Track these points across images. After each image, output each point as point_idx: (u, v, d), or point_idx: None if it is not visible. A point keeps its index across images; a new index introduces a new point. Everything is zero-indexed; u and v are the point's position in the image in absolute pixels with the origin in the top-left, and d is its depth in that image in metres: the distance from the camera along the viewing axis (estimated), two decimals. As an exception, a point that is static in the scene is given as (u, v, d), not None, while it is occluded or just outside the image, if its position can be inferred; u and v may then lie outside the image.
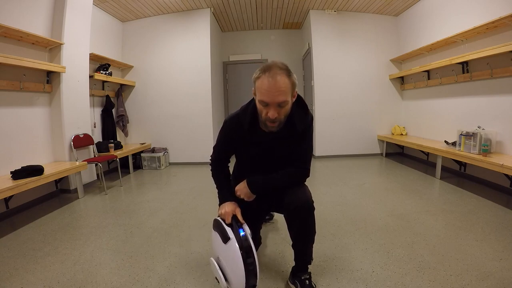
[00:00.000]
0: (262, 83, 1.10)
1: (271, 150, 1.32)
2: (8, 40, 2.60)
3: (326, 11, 4.75)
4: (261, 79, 1.11)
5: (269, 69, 1.11)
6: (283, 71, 1.11)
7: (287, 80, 1.11)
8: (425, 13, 4.02)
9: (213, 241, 1.35)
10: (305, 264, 1.36)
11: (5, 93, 2.59)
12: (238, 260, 1.14)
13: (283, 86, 1.09)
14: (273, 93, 1.09)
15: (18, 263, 1.71)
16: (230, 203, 1.31)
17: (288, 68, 1.15)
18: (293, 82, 1.15)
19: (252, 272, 1.15)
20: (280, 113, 1.15)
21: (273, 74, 1.09)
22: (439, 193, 2.83)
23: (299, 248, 1.34)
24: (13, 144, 2.65)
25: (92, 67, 3.83)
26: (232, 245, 1.17)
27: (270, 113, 1.13)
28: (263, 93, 1.11)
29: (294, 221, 1.27)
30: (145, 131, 4.84)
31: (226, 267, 1.23)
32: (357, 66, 4.85)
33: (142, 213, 2.55)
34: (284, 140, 1.29)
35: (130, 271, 1.60)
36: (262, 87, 1.10)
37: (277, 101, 1.10)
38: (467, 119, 3.25)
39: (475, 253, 1.64)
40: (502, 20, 2.57)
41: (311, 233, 1.30)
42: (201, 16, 4.56)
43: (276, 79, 1.08)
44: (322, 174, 3.87)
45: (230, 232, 1.21)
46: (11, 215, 2.56)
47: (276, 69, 1.10)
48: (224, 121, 1.38)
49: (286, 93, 1.11)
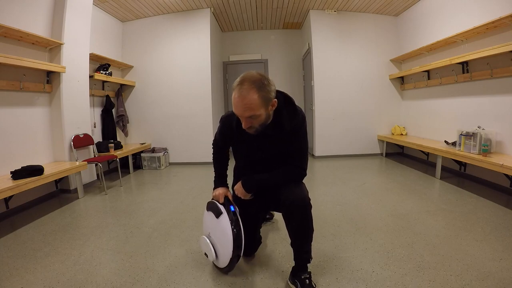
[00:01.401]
0: (234, 97, 1.17)
1: (262, 149, 1.38)
2: (8, 40, 2.60)
3: (326, 11, 4.75)
4: (234, 92, 1.17)
5: (241, 83, 1.14)
6: (253, 86, 1.12)
7: (256, 96, 1.12)
8: (425, 13, 4.02)
9: (205, 221, 1.58)
10: (305, 263, 1.37)
11: (5, 93, 2.59)
12: (228, 230, 1.35)
13: (250, 103, 1.13)
14: (241, 108, 1.16)
15: (18, 263, 1.71)
16: (222, 187, 1.55)
17: (261, 81, 1.14)
18: (265, 97, 1.15)
19: (238, 242, 1.34)
20: (253, 123, 1.21)
21: (242, 89, 1.13)
22: (439, 193, 2.83)
23: (297, 246, 1.36)
24: (13, 144, 2.65)
25: (92, 67, 3.83)
26: (224, 218, 1.39)
27: (243, 124, 1.22)
28: (234, 106, 1.19)
29: (291, 217, 1.31)
30: (145, 131, 4.84)
31: (216, 240, 1.44)
32: (357, 66, 4.85)
33: (142, 213, 2.55)
34: (272, 138, 1.34)
35: (130, 271, 1.60)
36: (233, 101, 1.17)
37: (245, 115, 1.17)
38: (467, 119, 3.25)
39: (475, 253, 1.64)
40: (502, 20, 2.57)
41: (309, 230, 1.33)
42: (201, 16, 4.56)
43: (243, 95, 1.12)
44: (322, 174, 3.87)
45: (222, 209, 1.43)
46: (11, 215, 2.56)
47: (248, 84, 1.13)
48: (221, 117, 1.51)
49: (253, 109, 1.15)
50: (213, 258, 1.43)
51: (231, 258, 1.37)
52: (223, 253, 1.40)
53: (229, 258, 1.37)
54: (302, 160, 1.38)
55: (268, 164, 1.39)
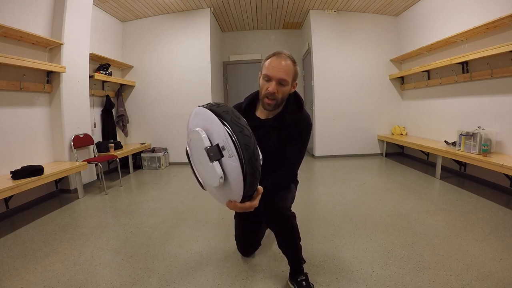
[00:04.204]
0: (270, 61, 1.26)
1: (263, 139, 1.34)
2: (8, 40, 2.60)
3: (326, 11, 4.75)
4: (269, 59, 1.27)
5: (278, 53, 1.27)
6: (290, 58, 1.27)
7: (291, 65, 1.26)
8: (425, 13, 4.02)
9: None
10: (299, 266, 1.36)
11: (5, 93, 2.59)
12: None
13: (287, 67, 1.24)
14: (277, 69, 1.23)
15: (18, 263, 1.71)
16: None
17: (294, 59, 1.31)
18: (296, 70, 1.29)
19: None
20: (279, 91, 1.25)
21: (281, 56, 1.26)
22: (439, 193, 2.83)
23: (285, 254, 1.36)
24: (13, 144, 2.65)
25: (92, 67, 3.83)
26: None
27: (270, 88, 1.24)
28: (268, 68, 1.25)
29: (273, 228, 1.32)
30: (145, 131, 4.83)
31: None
32: (357, 66, 4.84)
33: (142, 213, 2.55)
34: (275, 131, 1.36)
35: (130, 271, 1.60)
36: (269, 64, 1.25)
37: (279, 76, 1.23)
38: (467, 119, 3.24)
39: (475, 253, 1.64)
40: (502, 20, 2.57)
41: (292, 240, 1.31)
42: (201, 16, 4.56)
43: (282, 59, 1.25)
44: (322, 174, 3.87)
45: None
46: (11, 215, 2.56)
47: (285, 54, 1.27)
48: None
49: (287, 74, 1.24)
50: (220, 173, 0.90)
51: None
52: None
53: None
54: (296, 163, 1.37)
55: (265, 160, 1.36)
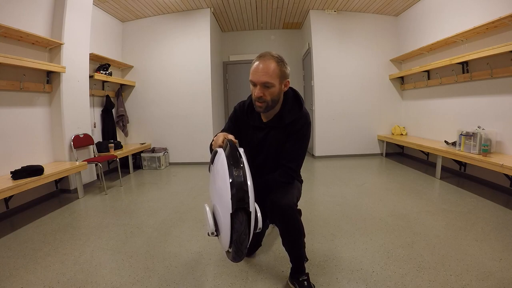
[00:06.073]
0: (253, 66, 1.25)
1: (264, 138, 1.37)
2: (8, 40, 2.60)
3: (326, 11, 4.75)
4: (253, 64, 1.26)
5: (261, 56, 1.25)
6: (273, 58, 1.24)
7: (275, 65, 1.22)
8: (425, 13, 4.02)
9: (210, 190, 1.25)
10: (301, 264, 1.36)
11: (5, 93, 2.59)
12: (224, 167, 1.01)
13: (268, 69, 1.21)
14: (259, 73, 1.22)
15: (18, 263, 1.71)
16: (220, 133, 1.29)
17: (281, 58, 1.26)
18: (282, 70, 1.25)
19: (239, 187, 0.96)
20: (266, 94, 1.24)
21: (263, 59, 1.23)
22: (439, 193, 2.83)
23: (288, 251, 1.35)
24: (13, 144, 2.65)
25: (92, 67, 3.83)
26: (219, 157, 1.09)
27: (255, 92, 1.24)
28: (252, 73, 1.25)
29: (277, 223, 1.30)
30: (145, 131, 4.83)
31: (215, 200, 1.09)
32: (357, 66, 4.84)
33: (142, 213, 2.55)
34: (275, 130, 1.35)
35: (130, 271, 1.60)
36: (252, 69, 1.25)
37: (261, 81, 1.22)
38: (467, 119, 3.24)
39: (475, 253, 1.64)
40: (502, 20, 2.57)
41: (297, 236, 1.29)
42: (201, 16, 4.56)
43: (263, 62, 1.23)
44: (322, 174, 3.87)
45: (218, 149, 1.16)
46: (11, 215, 2.56)
47: (268, 55, 1.24)
48: (234, 107, 1.52)
49: (270, 76, 1.21)
50: (211, 229, 1.05)
51: (231, 219, 0.95)
52: (222, 215, 1.00)
53: (229, 220, 0.95)
54: (295, 161, 1.33)
55: (266, 159, 1.38)
